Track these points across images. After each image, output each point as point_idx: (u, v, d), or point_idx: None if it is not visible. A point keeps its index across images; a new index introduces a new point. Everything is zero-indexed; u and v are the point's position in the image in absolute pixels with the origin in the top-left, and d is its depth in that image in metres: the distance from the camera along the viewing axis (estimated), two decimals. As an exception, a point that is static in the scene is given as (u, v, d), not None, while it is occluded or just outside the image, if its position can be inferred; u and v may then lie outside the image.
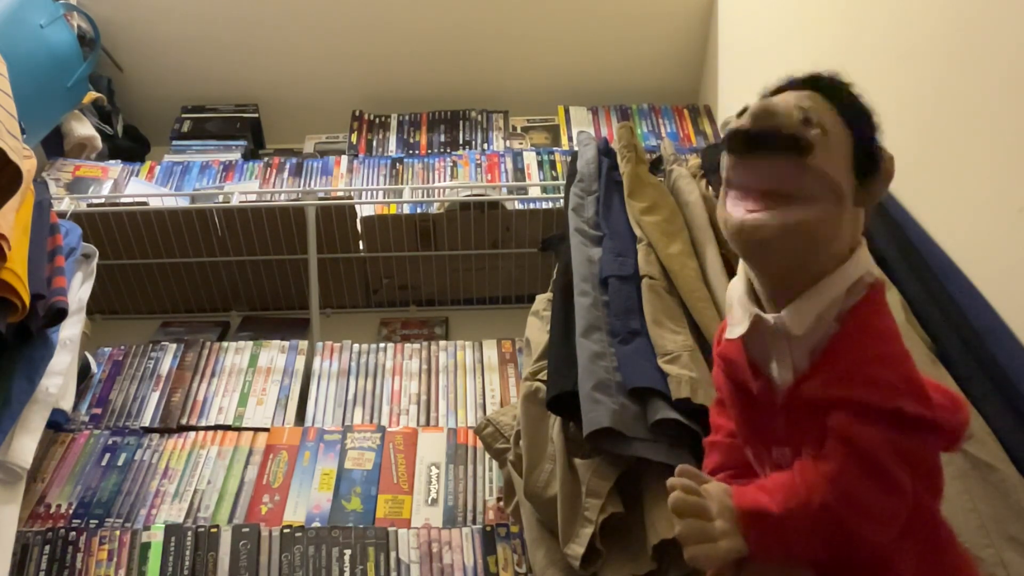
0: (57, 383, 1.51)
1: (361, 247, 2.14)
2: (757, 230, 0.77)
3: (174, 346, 1.93)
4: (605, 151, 1.77)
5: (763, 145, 0.76)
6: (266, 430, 1.72)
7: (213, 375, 1.86)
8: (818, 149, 0.75)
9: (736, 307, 0.85)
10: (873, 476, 0.75)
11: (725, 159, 0.81)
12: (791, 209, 0.75)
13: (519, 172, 2.33)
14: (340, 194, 2.28)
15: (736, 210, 0.78)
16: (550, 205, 2.09)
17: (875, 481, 0.75)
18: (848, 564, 0.80)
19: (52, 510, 1.57)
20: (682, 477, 0.83)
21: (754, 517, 0.79)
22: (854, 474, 0.75)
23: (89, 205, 2.06)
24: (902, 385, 0.75)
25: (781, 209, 0.75)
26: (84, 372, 1.82)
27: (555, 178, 2.28)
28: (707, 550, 0.79)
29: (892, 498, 0.76)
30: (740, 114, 0.79)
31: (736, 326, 0.84)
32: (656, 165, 1.79)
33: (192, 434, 1.72)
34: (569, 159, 1.97)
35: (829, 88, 0.78)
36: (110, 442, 1.70)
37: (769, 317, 0.80)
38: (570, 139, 2.52)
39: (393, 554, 1.46)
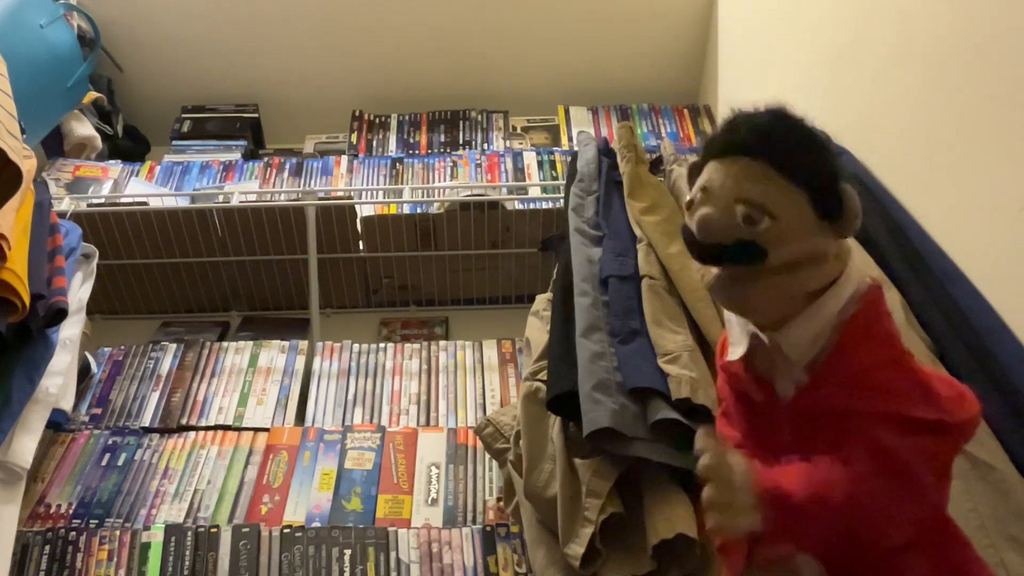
0: (57, 383, 1.51)
1: (361, 247, 2.14)
2: (730, 300, 0.78)
3: (174, 346, 1.93)
4: (605, 151, 1.77)
5: (717, 260, 0.76)
6: (266, 430, 1.72)
7: (213, 375, 1.86)
8: (772, 244, 0.73)
9: (734, 325, 0.85)
10: (899, 480, 0.75)
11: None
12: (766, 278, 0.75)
13: (519, 172, 2.33)
14: (340, 194, 2.28)
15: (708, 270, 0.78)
16: (550, 205, 2.09)
17: (901, 484, 0.75)
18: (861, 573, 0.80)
19: (52, 510, 1.57)
20: (706, 439, 0.80)
21: (774, 497, 0.77)
22: (881, 478, 0.75)
23: (89, 205, 2.06)
24: (910, 390, 0.75)
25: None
26: (84, 372, 1.81)
27: (555, 178, 2.28)
28: (727, 520, 0.77)
29: (915, 502, 0.76)
30: (691, 201, 0.77)
31: (736, 346, 0.84)
32: (656, 165, 1.79)
33: (192, 434, 1.72)
34: (569, 159, 1.96)
35: (767, 153, 0.74)
36: (110, 442, 1.70)
37: (765, 337, 0.80)
38: (570, 139, 2.51)
39: (393, 554, 1.46)
